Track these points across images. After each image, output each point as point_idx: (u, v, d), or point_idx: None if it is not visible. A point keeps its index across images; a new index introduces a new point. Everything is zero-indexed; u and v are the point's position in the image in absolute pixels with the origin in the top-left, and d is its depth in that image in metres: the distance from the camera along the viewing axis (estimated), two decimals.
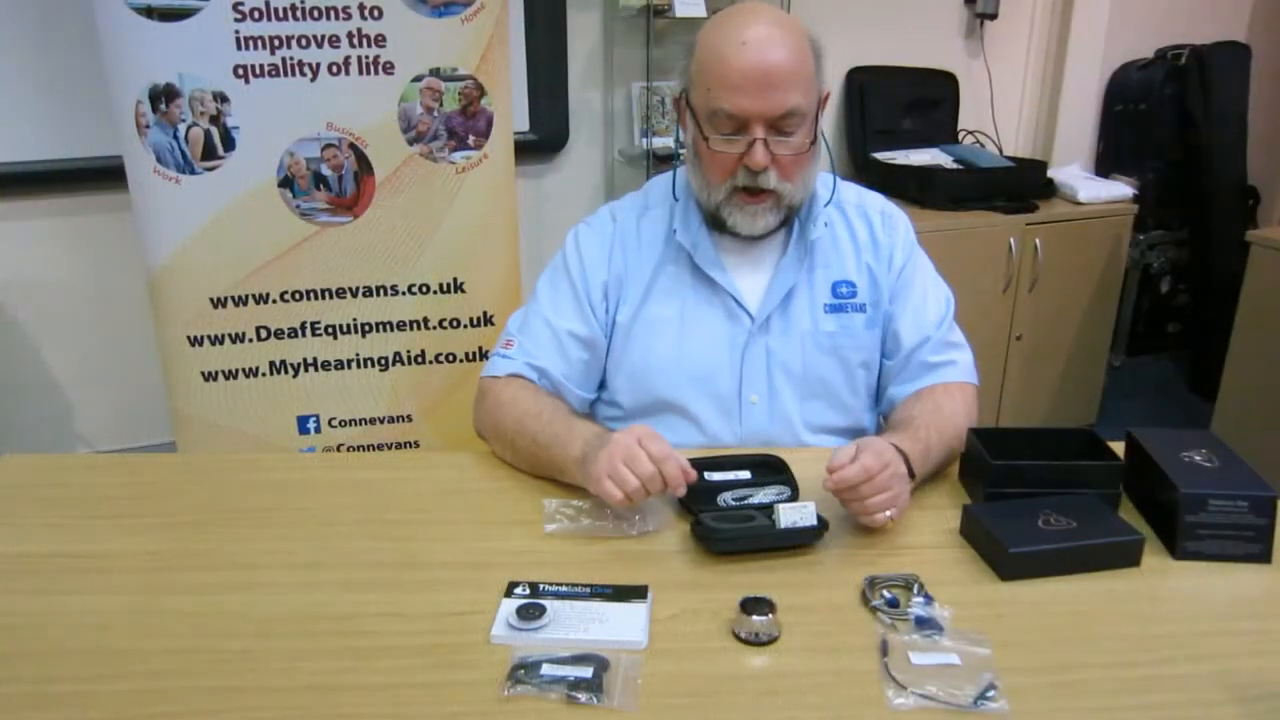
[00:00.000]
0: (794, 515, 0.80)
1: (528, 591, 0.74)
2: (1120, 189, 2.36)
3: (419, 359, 1.63)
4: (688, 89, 0.96)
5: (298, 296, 1.55)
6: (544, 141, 2.24)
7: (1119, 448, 0.92)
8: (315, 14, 1.43)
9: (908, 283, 1.03)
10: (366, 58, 1.46)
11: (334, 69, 1.46)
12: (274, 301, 1.54)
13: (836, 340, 1.02)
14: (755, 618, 0.69)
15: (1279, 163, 2.79)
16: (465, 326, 1.63)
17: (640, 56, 2.23)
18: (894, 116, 2.44)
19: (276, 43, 1.43)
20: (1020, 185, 2.29)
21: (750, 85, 0.88)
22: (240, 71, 1.43)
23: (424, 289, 1.60)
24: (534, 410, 0.94)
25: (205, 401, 1.55)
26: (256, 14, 1.41)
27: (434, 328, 1.62)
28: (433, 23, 1.47)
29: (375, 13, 1.44)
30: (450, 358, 1.64)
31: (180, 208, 1.46)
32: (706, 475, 0.89)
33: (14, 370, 2.07)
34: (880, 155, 2.35)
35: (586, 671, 0.65)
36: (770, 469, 0.92)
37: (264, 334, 1.55)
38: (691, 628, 0.71)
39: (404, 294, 1.59)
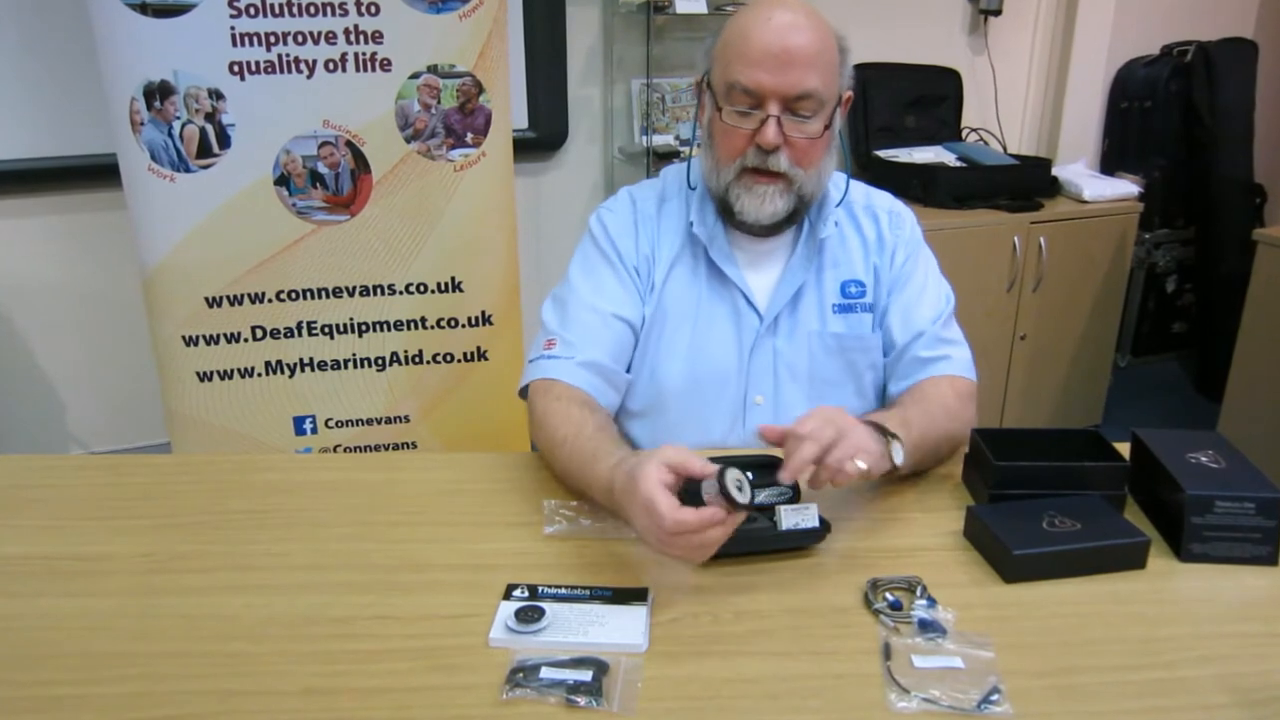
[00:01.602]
0: (796, 517, 0.79)
1: (526, 594, 0.74)
2: (1125, 187, 2.35)
3: (416, 359, 1.62)
4: (709, 69, 0.95)
5: (294, 296, 1.54)
6: (543, 139, 2.23)
7: (1124, 449, 0.91)
8: (312, 10, 1.42)
9: (905, 278, 1.02)
10: (363, 54, 1.45)
11: (330, 66, 1.45)
12: (270, 301, 1.53)
13: (844, 342, 1.01)
14: (732, 471, 0.70)
15: None
16: (463, 326, 1.62)
17: (640, 53, 2.22)
18: (897, 114, 2.43)
19: (273, 39, 1.42)
20: (1024, 183, 2.28)
21: (769, 61, 0.88)
22: (236, 68, 1.42)
23: (421, 288, 1.59)
24: (576, 423, 0.88)
25: (200, 402, 1.55)
26: (252, 10, 1.40)
27: (432, 327, 1.61)
28: (430, 19, 1.46)
29: (372, 9, 1.44)
30: (448, 358, 1.63)
31: (175, 206, 1.45)
32: None
33: (6, 370, 2.06)
34: (883, 153, 2.34)
35: (586, 675, 0.65)
36: (772, 470, 0.91)
37: (259, 334, 1.54)
38: (692, 631, 0.71)
39: (401, 293, 1.58)
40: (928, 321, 1.01)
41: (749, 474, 0.73)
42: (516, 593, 0.74)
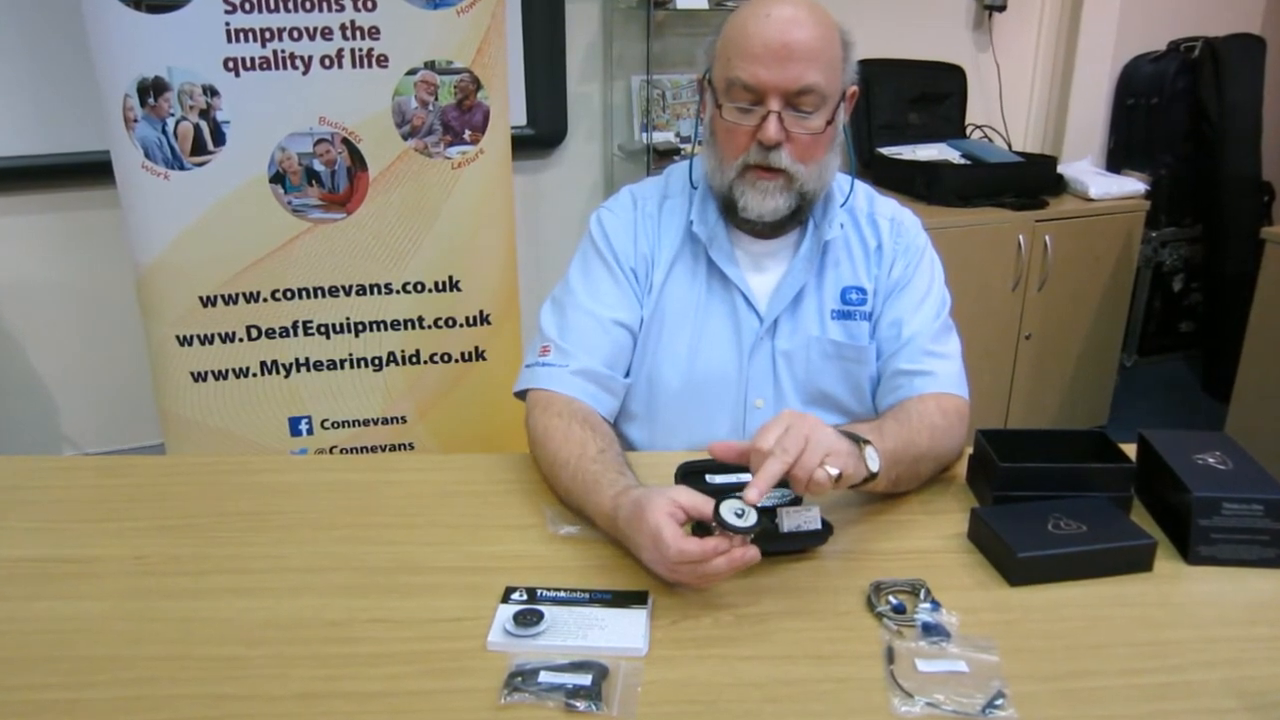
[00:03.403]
0: (798, 519, 0.78)
1: (525, 597, 0.73)
2: (1132, 185, 2.33)
3: (413, 359, 1.61)
4: (710, 66, 0.95)
5: (289, 295, 1.53)
6: (542, 136, 2.22)
7: (1130, 449, 0.91)
8: (307, 6, 1.41)
9: (901, 286, 1.00)
10: (360, 51, 1.44)
11: (327, 62, 1.44)
12: (265, 300, 1.52)
13: (842, 350, 1.00)
14: (727, 503, 0.69)
15: None
16: (461, 325, 1.61)
17: (640, 49, 2.21)
18: (900, 111, 2.42)
19: (268, 35, 1.41)
20: (1029, 181, 2.26)
21: (769, 55, 0.87)
22: (231, 64, 1.40)
23: (419, 287, 1.58)
24: (578, 444, 0.87)
25: (195, 402, 1.54)
26: (248, 6, 1.39)
27: (429, 327, 1.60)
28: (428, 15, 1.45)
29: (369, 5, 1.42)
30: (446, 357, 1.62)
31: (169, 204, 1.44)
32: (708, 478, 0.87)
33: None
34: (886, 150, 2.33)
35: (585, 679, 0.64)
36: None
37: (255, 333, 1.54)
38: (692, 634, 0.70)
39: (398, 292, 1.57)
40: (915, 332, 0.98)
41: (739, 494, 0.72)
42: (515, 595, 0.73)
